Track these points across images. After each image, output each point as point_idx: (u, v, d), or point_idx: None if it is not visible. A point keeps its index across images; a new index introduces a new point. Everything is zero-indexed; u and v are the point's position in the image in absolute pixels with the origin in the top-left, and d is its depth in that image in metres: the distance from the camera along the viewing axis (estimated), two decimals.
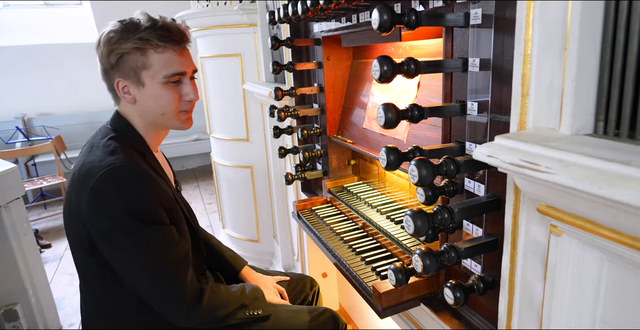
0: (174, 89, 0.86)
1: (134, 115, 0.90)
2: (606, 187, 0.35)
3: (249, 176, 2.28)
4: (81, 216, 0.80)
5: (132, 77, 0.84)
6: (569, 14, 0.44)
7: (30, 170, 4.07)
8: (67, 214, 0.86)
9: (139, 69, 0.83)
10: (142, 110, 0.88)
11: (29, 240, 1.86)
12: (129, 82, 0.84)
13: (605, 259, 0.44)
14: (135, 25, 0.82)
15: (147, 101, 0.86)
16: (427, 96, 0.93)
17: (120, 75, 0.84)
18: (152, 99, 0.86)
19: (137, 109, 0.88)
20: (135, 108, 0.88)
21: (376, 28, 0.61)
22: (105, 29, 0.84)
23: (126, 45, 0.81)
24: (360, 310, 1.70)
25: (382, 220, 1.11)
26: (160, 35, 0.82)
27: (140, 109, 0.88)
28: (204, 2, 2.13)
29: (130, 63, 0.82)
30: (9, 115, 4.14)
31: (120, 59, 0.82)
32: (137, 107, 0.88)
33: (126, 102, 0.88)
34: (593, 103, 0.46)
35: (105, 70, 0.86)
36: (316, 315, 1.07)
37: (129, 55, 0.82)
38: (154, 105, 0.86)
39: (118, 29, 0.83)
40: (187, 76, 0.88)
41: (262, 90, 1.71)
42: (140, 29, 0.82)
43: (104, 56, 0.83)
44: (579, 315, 0.47)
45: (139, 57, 0.82)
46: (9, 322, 1.82)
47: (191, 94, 0.88)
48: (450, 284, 0.65)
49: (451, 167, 0.62)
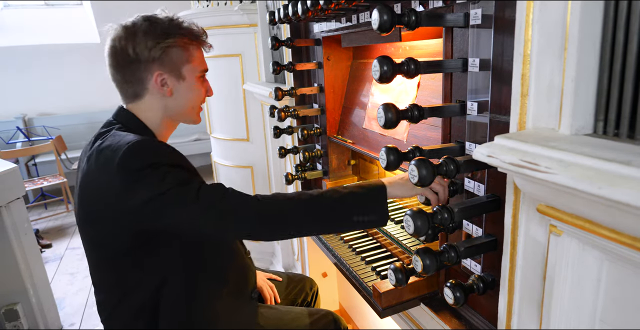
0: (203, 84, 0.92)
1: (152, 109, 0.88)
2: (606, 187, 0.35)
3: (249, 176, 2.29)
4: (110, 198, 0.76)
5: (174, 70, 0.85)
6: (568, 14, 0.44)
7: (31, 170, 4.07)
8: (84, 203, 0.82)
9: (181, 63, 0.85)
10: (174, 103, 0.89)
11: (29, 240, 1.86)
12: (169, 75, 0.85)
13: (604, 258, 0.44)
14: (169, 21, 0.85)
15: (184, 94, 0.89)
16: (427, 96, 0.93)
17: (161, 68, 0.84)
18: (189, 92, 0.89)
19: (166, 102, 0.88)
20: (163, 101, 0.88)
21: (376, 28, 0.61)
22: (129, 23, 0.83)
23: (171, 39, 0.83)
24: (360, 310, 1.70)
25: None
26: (193, 34, 0.87)
27: (173, 102, 0.88)
28: (204, 2, 2.14)
29: (174, 57, 0.84)
30: (9, 115, 4.14)
31: (163, 53, 0.83)
32: (168, 100, 0.88)
33: (156, 96, 0.87)
34: (593, 103, 0.46)
35: (138, 61, 0.82)
36: (317, 318, 1.07)
37: (173, 49, 0.84)
38: (189, 98, 0.90)
39: (153, 22, 0.83)
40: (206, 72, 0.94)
41: (263, 91, 1.71)
42: (177, 25, 0.85)
43: (143, 48, 0.82)
44: (579, 314, 0.47)
45: (181, 51, 0.85)
46: (9, 322, 1.82)
47: (210, 90, 0.95)
48: (450, 284, 0.65)
49: (451, 167, 0.62)
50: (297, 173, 1.44)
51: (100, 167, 0.77)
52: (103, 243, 0.83)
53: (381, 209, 0.75)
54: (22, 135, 3.85)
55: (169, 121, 0.92)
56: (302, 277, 1.30)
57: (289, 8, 1.07)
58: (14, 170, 1.77)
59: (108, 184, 0.76)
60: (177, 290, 0.85)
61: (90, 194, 0.80)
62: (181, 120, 0.94)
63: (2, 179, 1.70)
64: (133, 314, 0.86)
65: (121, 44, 0.82)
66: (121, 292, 0.85)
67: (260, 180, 2.27)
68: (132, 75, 0.84)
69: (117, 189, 0.74)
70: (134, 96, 0.87)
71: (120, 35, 0.82)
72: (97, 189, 0.78)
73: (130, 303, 0.85)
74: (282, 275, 1.28)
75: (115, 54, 0.83)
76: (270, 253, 2.41)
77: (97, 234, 0.83)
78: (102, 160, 0.77)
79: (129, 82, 0.86)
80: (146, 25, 0.82)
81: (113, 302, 0.88)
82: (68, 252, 3.01)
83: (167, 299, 0.85)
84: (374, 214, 0.75)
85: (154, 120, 0.89)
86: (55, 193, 4.00)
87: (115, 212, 0.76)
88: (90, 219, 0.82)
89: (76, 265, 2.81)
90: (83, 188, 0.82)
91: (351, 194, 0.75)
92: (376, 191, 0.75)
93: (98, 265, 0.88)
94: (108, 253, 0.84)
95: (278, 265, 2.26)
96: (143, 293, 0.84)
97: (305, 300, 1.28)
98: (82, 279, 2.64)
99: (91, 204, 0.81)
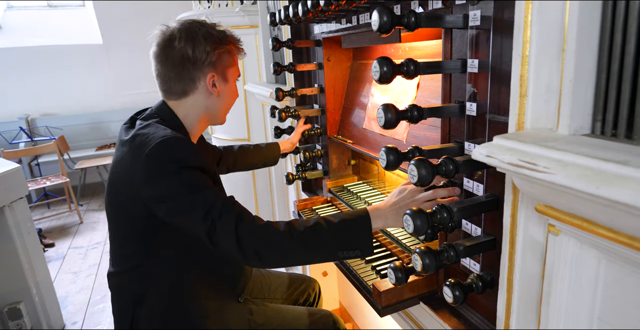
0: (236, 87, 1.02)
1: (195, 107, 0.95)
2: (603, 187, 0.35)
3: (249, 176, 2.29)
4: (133, 181, 0.81)
5: (222, 73, 0.94)
6: (566, 16, 0.45)
7: (34, 170, 4.09)
8: (113, 184, 0.89)
9: (227, 67, 0.95)
10: (216, 103, 0.96)
11: (32, 239, 1.88)
12: (219, 77, 0.94)
13: (602, 257, 0.44)
14: (214, 28, 0.93)
15: (227, 95, 0.98)
16: (426, 97, 0.93)
17: (214, 70, 0.93)
18: (230, 94, 0.99)
19: (210, 102, 0.96)
20: (207, 101, 0.95)
21: (376, 29, 0.62)
22: (184, 27, 0.89)
23: (225, 45, 0.93)
24: (360, 309, 1.70)
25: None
26: (236, 41, 0.97)
27: (215, 102, 0.96)
28: (206, 4, 2.15)
29: (224, 61, 0.94)
30: (13, 116, 4.16)
31: (218, 57, 0.92)
32: (212, 100, 0.96)
33: (203, 95, 0.94)
34: (590, 104, 0.46)
35: (194, 62, 0.89)
36: (317, 318, 1.08)
37: (225, 54, 0.93)
38: (228, 99, 0.99)
39: (206, 28, 0.90)
40: None
41: (263, 91, 1.71)
42: (222, 33, 0.94)
43: (202, 51, 0.89)
44: (577, 313, 0.48)
45: (229, 57, 0.95)
46: (12, 320, 1.83)
47: (237, 92, 1.04)
48: (449, 283, 0.66)
49: (450, 167, 0.62)
50: (297, 173, 1.44)
51: (132, 152, 0.83)
52: (121, 221, 0.90)
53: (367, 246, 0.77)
54: (25, 136, 3.88)
55: (205, 121, 0.99)
56: (304, 278, 1.31)
57: (290, 9, 1.08)
58: (17, 170, 1.78)
59: (133, 169, 0.81)
60: (165, 281, 0.91)
61: (118, 173, 0.87)
62: (213, 120, 1.01)
63: (5, 179, 1.71)
64: (130, 297, 0.92)
65: (180, 44, 0.88)
66: (122, 270, 0.92)
67: (261, 180, 2.28)
68: (187, 74, 0.91)
69: (140, 177, 0.80)
70: (181, 93, 0.93)
71: (178, 36, 0.88)
72: (125, 170, 0.85)
73: (129, 284, 0.92)
74: (284, 275, 1.29)
75: (171, 53, 0.89)
76: None
77: (117, 212, 0.90)
78: (136, 144, 0.82)
79: (180, 80, 0.91)
80: (205, 30, 0.90)
81: (117, 283, 0.95)
82: (70, 251, 3.02)
83: (156, 288, 0.91)
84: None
85: (193, 118, 0.96)
86: (57, 193, 4.02)
87: (133, 194, 0.82)
88: (112, 193, 0.90)
89: (79, 264, 2.83)
90: (115, 166, 0.89)
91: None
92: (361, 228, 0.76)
93: (114, 242, 0.95)
94: (120, 230, 0.91)
95: None
96: (139, 277, 0.91)
97: (307, 300, 1.28)
98: (84, 278, 2.65)
99: (118, 182, 0.88)
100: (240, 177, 2.34)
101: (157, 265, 0.90)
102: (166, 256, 0.90)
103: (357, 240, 0.77)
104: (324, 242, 0.76)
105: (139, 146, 0.81)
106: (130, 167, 0.82)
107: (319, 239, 0.76)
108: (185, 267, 0.92)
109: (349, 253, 0.77)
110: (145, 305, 0.91)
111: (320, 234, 0.76)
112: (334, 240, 0.76)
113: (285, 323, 1.03)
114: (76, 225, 3.52)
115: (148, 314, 0.91)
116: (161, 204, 0.79)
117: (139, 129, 0.86)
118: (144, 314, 0.91)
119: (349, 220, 0.78)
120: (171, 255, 0.90)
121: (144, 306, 0.91)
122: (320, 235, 0.76)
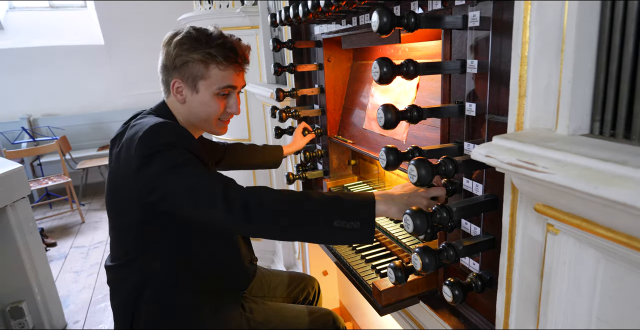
0: (222, 100, 0.94)
1: (179, 110, 0.97)
2: (602, 187, 0.35)
3: (250, 176, 2.30)
4: (129, 169, 0.82)
5: (190, 82, 0.91)
6: (565, 16, 0.45)
7: (36, 170, 4.11)
8: (112, 173, 0.90)
9: (197, 78, 0.90)
10: (188, 111, 0.95)
11: (34, 238, 1.89)
12: (185, 85, 0.91)
13: (601, 257, 0.44)
14: (208, 38, 0.89)
15: (195, 105, 0.93)
16: (426, 97, 0.94)
17: (179, 77, 0.91)
18: (200, 105, 0.93)
19: (184, 108, 0.95)
20: (181, 108, 0.96)
21: (376, 30, 0.62)
22: (179, 32, 0.91)
23: (194, 55, 0.88)
24: (360, 308, 1.70)
25: (382, 219, 1.11)
26: (227, 56, 0.90)
27: (187, 109, 0.95)
28: (207, 4, 2.15)
29: (192, 70, 0.90)
30: (15, 116, 4.18)
31: (184, 64, 0.89)
32: (185, 108, 0.95)
33: (174, 99, 0.95)
34: (589, 104, 0.46)
35: (166, 67, 0.92)
36: (317, 316, 1.08)
37: (193, 63, 0.89)
38: (200, 110, 0.94)
39: (192, 36, 0.89)
40: (235, 90, 0.96)
41: (264, 92, 1.72)
42: (211, 44, 0.89)
43: (170, 56, 0.90)
44: (576, 313, 0.48)
45: (201, 68, 0.89)
46: (14, 320, 1.84)
47: (234, 107, 0.97)
48: (448, 282, 0.66)
49: (450, 167, 0.62)
50: (298, 173, 1.45)
51: (128, 140, 0.84)
52: (118, 212, 0.91)
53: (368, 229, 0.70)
54: (27, 136, 3.89)
55: (191, 125, 0.98)
56: (303, 276, 1.31)
57: (290, 10, 1.08)
58: (19, 170, 1.79)
59: (129, 157, 0.82)
60: (163, 275, 0.91)
61: (117, 165, 0.88)
62: (202, 128, 1.00)
63: (7, 179, 1.72)
64: (128, 290, 0.92)
65: (164, 48, 0.92)
66: (120, 264, 0.93)
67: (261, 180, 2.28)
68: (164, 76, 0.94)
69: (135, 161, 0.80)
70: (165, 94, 0.97)
71: (166, 40, 0.92)
72: (122, 160, 0.85)
73: (127, 277, 0.92)
74: (284, 274, 1.29)
75: (162, 55, 0.92)
76: (272, 252, 2.42)
77: (115, 202, 0.91)
78: (131, 133, 0.84)
79: (162, 82, 0.95)
80: (184, 37, 0.89)
81: (115, 276, 0.95)
82: (72, 251, 3.04)
83: (154, 282, 0.91)
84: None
85: (180, 119, 0.97)
86: (59, 192, 4.03)
87: (130, 182, 0.82)
88: (112, 186, 0.90)
89: (80, 264, 2.84)
90: (112, 155, 0.90)
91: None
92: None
93: (112, 235, 0.96)
94: (120, 223, 0.92)
95: (279, 264, 2.27)
96: (136, 271, 0.91)
97: (307, 299, 1.29)
98: (86, 277, 2.66)
99: (116, 173, 0.88)
100: (240, 177, 2.34)
101: (155, 259, 0.90)
102: (164, 250, 0.90)
103: (357, 211, 0.70)
104: (321, 204, 0.70)
105: (134, 134, 0.83)
106: (126, 156, 0.84)
107: (315, 201, 0.71)
108: (185, 262, 0.93)
109: (347, 223, 0.69)
110: (144, 299, 0.91)
111: (317, 197, 0.71)
112: (333, 204, 0.70)
113: (285, 321, 1.04)
114: (78, 224, 3.54)
115: (146, 309, 0.91)
116: (152, 185, 0.78)
117: (135, 121, 0.90)
118: (143, 309, 0.91)
119: (352, 194, 0.75)
120: (169, 249, 0.90)
121: (142, 299, 0.91)
122: (318, 197, 0.71)
